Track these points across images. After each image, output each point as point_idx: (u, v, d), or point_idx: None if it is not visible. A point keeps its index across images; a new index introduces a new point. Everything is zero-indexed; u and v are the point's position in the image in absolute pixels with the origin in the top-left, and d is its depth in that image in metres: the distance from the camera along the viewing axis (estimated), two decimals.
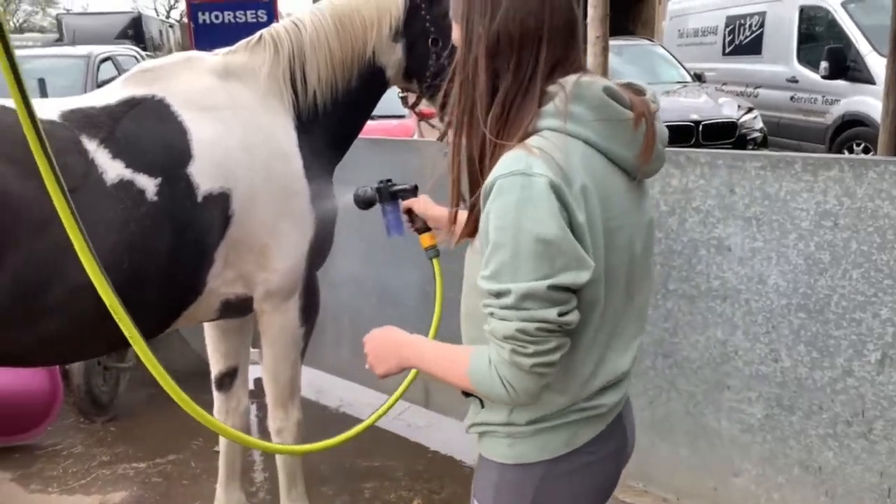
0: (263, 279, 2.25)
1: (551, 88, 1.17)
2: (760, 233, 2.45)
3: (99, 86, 7.88)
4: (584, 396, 1.25)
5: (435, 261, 2.10)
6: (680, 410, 2.73)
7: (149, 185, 1.96)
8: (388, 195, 2.12)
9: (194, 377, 4.00)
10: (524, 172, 1.10)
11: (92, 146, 1.91)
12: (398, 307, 3.63)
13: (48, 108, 1.98)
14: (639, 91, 1.26)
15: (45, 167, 1.19)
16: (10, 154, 1.74)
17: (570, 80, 1.17)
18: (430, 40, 2.41)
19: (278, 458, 2.57)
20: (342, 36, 2.30)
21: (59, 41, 19.31)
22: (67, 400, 3.50)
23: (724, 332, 2.58)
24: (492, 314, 1.13)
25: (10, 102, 1.94)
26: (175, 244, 2.01)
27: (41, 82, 6.08)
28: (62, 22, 21.71)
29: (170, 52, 22.06)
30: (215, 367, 2.67)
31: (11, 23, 43.17)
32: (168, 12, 41.48)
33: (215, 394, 2.67)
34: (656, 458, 2.81)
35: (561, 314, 1.11)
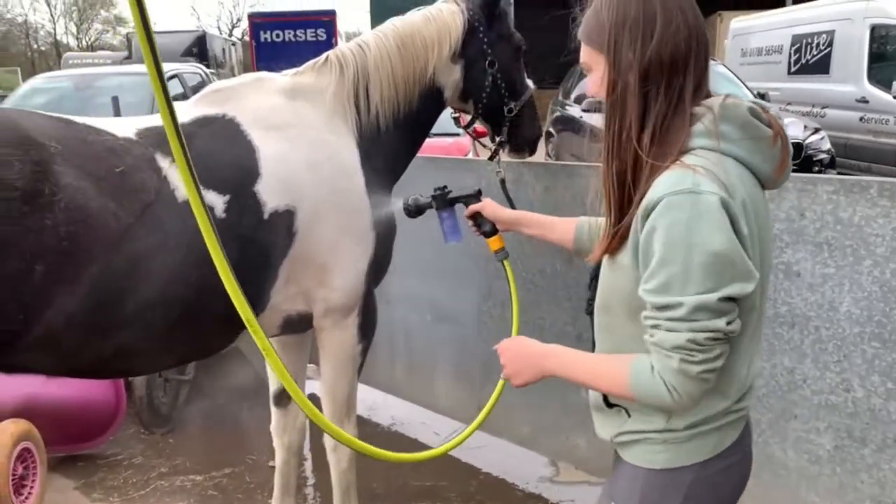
0: (324, 296, 2.26)
1: (698, 110, 1.26)
2: (832, 258, 2.35)
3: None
4: (737, 398, 1.33)
5: (506, 262, 2.17)
6: None
7: (218, 202, 1.99)
8: (445, 202, 2.17)
9: (251, 393, 4.09)
10: (692, 191, 1.18)
11: (165, 164, 1.96)
12: (453, 325, 3.62)
13: (126, 126, 2.05)
14: (765, 109, 1.34)
15: (186, 176, 1.28)
16: (90, 170, 1.80)
17: (716, 101, 1.27)
18: (486, 62, 2.44)
19: (333, 475, 2.57)
20: (404, 56, 2.35)
21: (129, 59, 20.16)
22: (129, 411, 3.58)
23: (792, 360, 2.48)
24: (657, 326, 1.21)
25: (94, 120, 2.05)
26: (240, 260, 2.02)
27: (115, 100, 6.31)
28: (132, 40, 22.66)
29: (232, 69, 22.76)
30: (273, 384, 2.69)
31: (84, 40, 45.25)
32: (231, 31, 42.85)
33: (273, 410, 2.68)
34: None
35: (728, 323, 1.19)
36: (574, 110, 8.86)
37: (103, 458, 3.49)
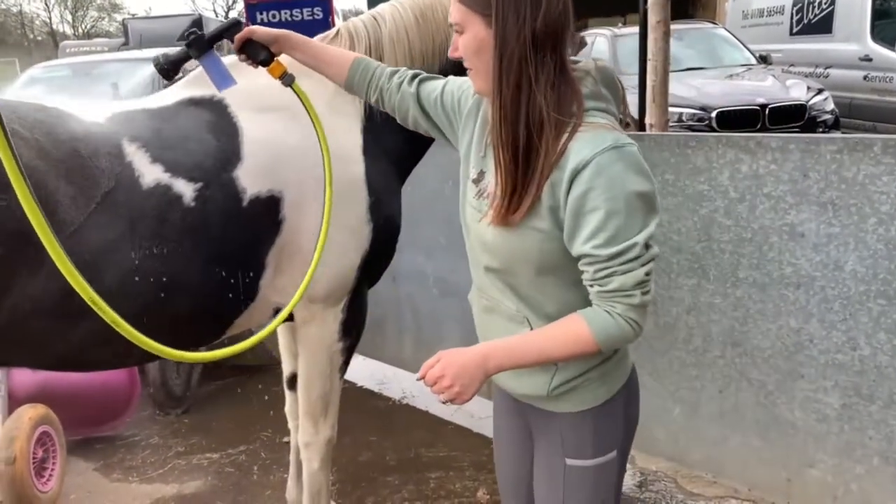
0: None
1: (576, 74, 1.35)
2: (837, 218, 2.35)
3: (165, 87, 8.15)
4: None
5: (295, 85, 1.88)
6: (751, 400, 2.66)
7: (187, 189, 1.89)
8: (203, 45, 1.83)
9: (265, 372, 4.14)
10: (615, 146, 1.27)
11: (131, 149, 1.86)
12: (459, 299, 3.63)
13: (99, 111, 1.96)
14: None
15: (12, 168, 1.09)
16: (49, 152, 1.69)
17: (589, 65, 1.38)
18: None
19: (304, 475, 2.45)
20: (422, 29, 2.20)
21: (125, 45, 20.01)
22: (144, 393, 3.63)
23: (798, 321, 2.50)
24: (611, 274, 1.27)
25: None
26: (224, 249, 1.94)
27: (114, 86, 6.30)
28: (128, 26, 22.49)
29: (229, 51, 22.63)
30: (287, 368, 2.66)
31: (80, 28, 44.96)
32: (227, 13, 42.49)
33: (287, 392, 2.68)
34: (726, 449, 2.75)
35: (657, 247, 1.32)
36: None
37: (121, 440, 3.55)
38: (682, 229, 2.73)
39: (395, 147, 2.26)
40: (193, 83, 2.14)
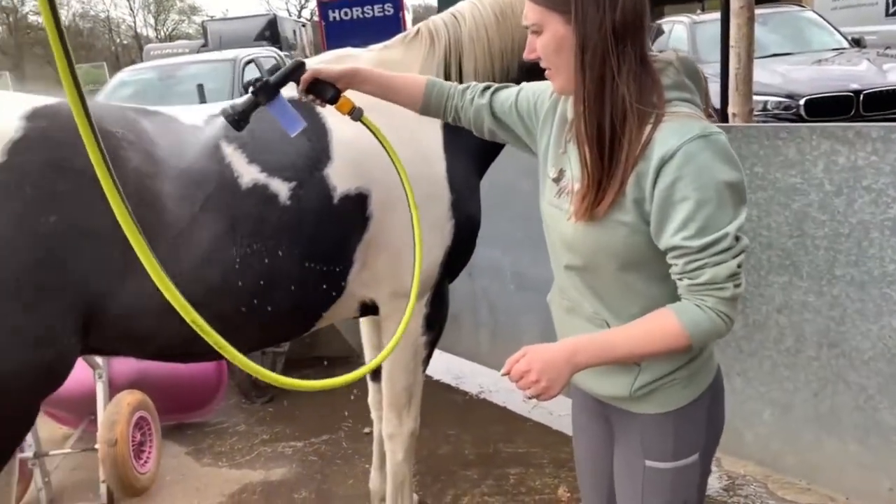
0: (392, 281, 2.20)
1: (657, 65, 1.34)
2: None
3: (244, 86, 8.41)
4: None
5: (364, 118, 1.89)
6: (849, 404, 2.54)
7: (283, 188, 1.96)
8: (270, 90, 1.79)
9: (345, 364, 4.23)
10: (702, 135, 1.25)
11: (229, 150, 1.93)
12: (537, 294, 3.61)
13: (197, 114, 2.06)
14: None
15: (101, 170, 1.11)
16: (156, 155, 1.79)
17: (671, 56, 1.36)
18: None
19: (388, 465, 2.50)
20: (502, 27, 2.21)
21: (205, 46, 20.75)
22: (231, 382, 3.77)
23: None
24: (702, 266, 1.25)
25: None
26: (316, 245, 2.00)
27: (200, 87, 6.52)
28: (207, 28, 23.30)
29: (303, 50, 23.10)
30: (369, 358, 2.73)
31: (162, 31, 46.86)
32: (299, 12, 43.41)
33: (370, 384, 2.73)
34: (821, 455, 2.63)
35: (746, 238, 1.28)
36: None
37: (210, 427, 3.70)
38: (772, 224, 2.63)
39: (474, 144, 2.27)
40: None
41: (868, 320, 2.44)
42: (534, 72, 2.28)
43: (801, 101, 6.88)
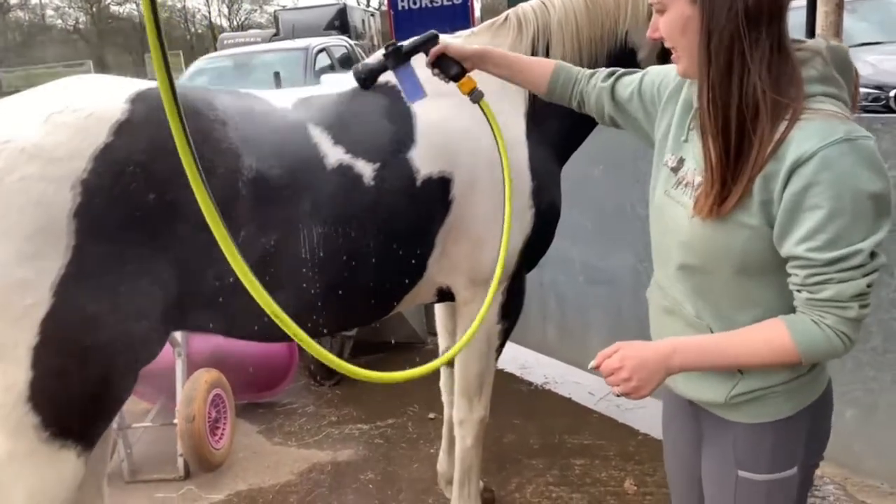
0: (471, 268, 2.21)
1: (801, 54, 1.23)
2: None
3: (316, 74, 8.57)
4: None
5: (483, 102, 1.92)
6: None
7: (367, 169, 1.99)
8: (400, 57, 1.90)
9: (412, 349, 4.28)
10: (847, 138, 1.14)
11: (316, 132, 1.97)
12: (607, 287, 3.57)
13: (286, 97, 2.11)
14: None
15: (182, 146, 1.16)
16: (247, 134, 1.82)
17: (819, 44, 1.24)
18: None
19: (457, 450, 2.52)
20: (592, 13, 2.19)
21: (276, 35, 21.18)
22: (300, 364, 3.86)
23: None
24: (827, 281, 1.16)
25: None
26: (396, 227, 2.03)
27: (276, 75, 6.68)
28: (278, 17, 23.76)
29: (371, 39, 23.32)
30: (442, 343, 2.75)
31: (235, 21, 48.07)
32: (368, 1, 43.79)
33: (442, 368, 2.75)
34: None
35: (884, 256, 1.19)
36: None
37: (280, 407, 3.80)
38: None
39: (556, 133, 2.28)
40: None
41: None
42: (623, 60, 2.27)
43: (892, 93, 6.58)
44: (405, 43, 1.91)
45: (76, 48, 39.98)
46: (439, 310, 2.72)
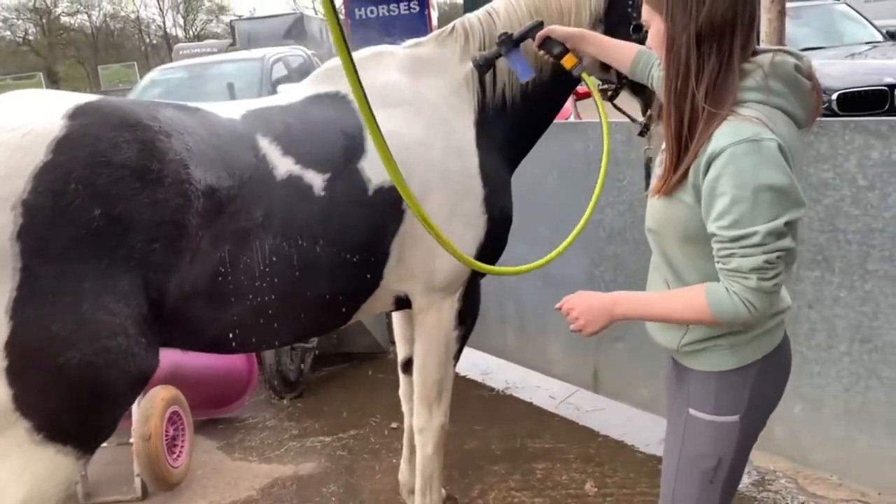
0: (426, 275, 2.23)
1: (747, 66, 1.43)
2: None
3: (272, 84, 8.51)
4: (786, 302, 1.58)
5: (584, 74, 2.21)
6: (881, 399, 2.51)
7: (317, 180, 1.98)
8: (511, 44, 2.16)
9: (373, 359, 4.27)
10: (753, 139, 1.35)
11: (265, 143, 1.96)
12: (564, 291, 3.59)
13: (234, 109, 2.09)
14: (806, 64, 1.50)
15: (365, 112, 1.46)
16: (192, 146, 1.79)
17: (766, 59, 1.43)
18: (631, 27, 2.28)
19: (417, 459, 2.54)
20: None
21: (233, 45, 20.98)
22: (260, 377, 3.82)
23: None
24: (731, 255, 1.38)
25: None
26: (349, 238, 2.03)
27: (230, 86, 6.59)
28: (235, 27, 23.55)
29: (330, 48, 23.27)
30: (401, 352, 2.75)
31: (191, 31, 47.48)
32: None
33: (401, 376, 2.75)
34: (853, 450, 2.60)
35: (790, 241, 1.38)
36: None
37: (240, 422, 3.76)
38: (804, 220, 2.58)
39: (505, 140, 2.32)
40: (319, 79, 2.26)
41: None
42: (565, 75, 2.32)
43: (834, 96, 6.77)
44: (514, 33, 2.17)
45: (26, 60, 39.04)
46: (397, 318, 2.72)
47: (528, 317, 3.88)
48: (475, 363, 4.12)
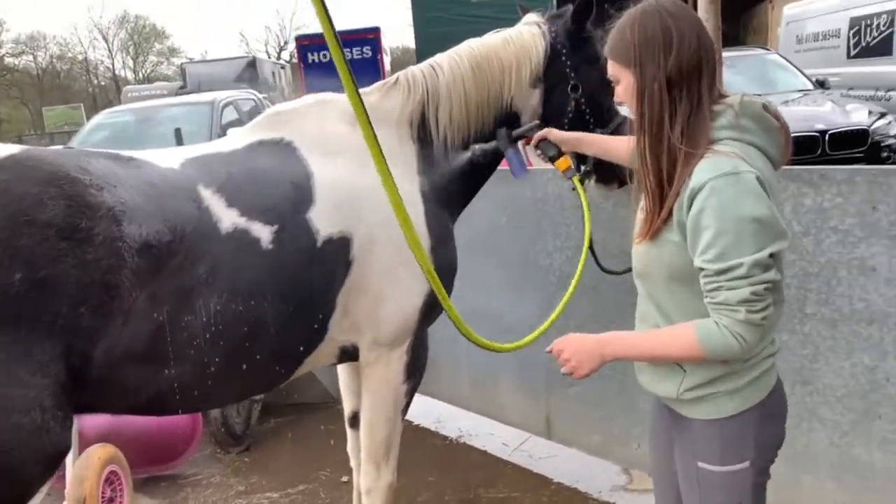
0: (373, 327, 2.17)
1: (718, 108, 1.50)
2: None
3: (222, 128, 8.45)
4: (771, 341, 1.59)
5: (575, 178, 2.29)
6: (823, 441, 2.55)
7: (264, 232, 1.92)
8: (510, 140, 2.27)
9: (322, 410, 4.17)
10: (732, 172, 1.41)
11: (207, 193, 1.89)
12: (515, 336, 3.60)
13: (173, 157, 2.01)
14: (770, 105, 1.57)
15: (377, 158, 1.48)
16: (127, 199, 1.71)
17: (735, 99, 1.51)
18: (569, 86, 2.34)
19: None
20: (478, 79, 2.27)
21: (183, 88, 20.83)
22: (205, 431, 3.69)
23: (873, 358, 2.39)
24: (718, 288, 1.41)
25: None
26: (297, 290, 1.97)
27: (177, 131, 6.51)
28: (186, 70, 23.44)
29: (282, 91, 23.30)
30: (347, 406, 2.68)
31: (140, 73, 47.02)
32: (279, 54, 43.81)
33: (348, 431, 2.69)
34: (798, 492, 2.63)
35: (776, 273, 1.42)
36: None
37: (184, 479, 3.61)
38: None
39: (447, 190, 2.32)
40: (263, 125, 2.21)
41: (840, 357, 2.47)
42: (509, 123, 2.41)
43: None
44: (514, 131, 2.29)
45: None
46: (342, 370, 2.67)
47: (481, 363, 3.86)
48: (428, 411, 4.07)
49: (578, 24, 2.36)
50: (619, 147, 2.13)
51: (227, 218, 1.88)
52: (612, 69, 1.59)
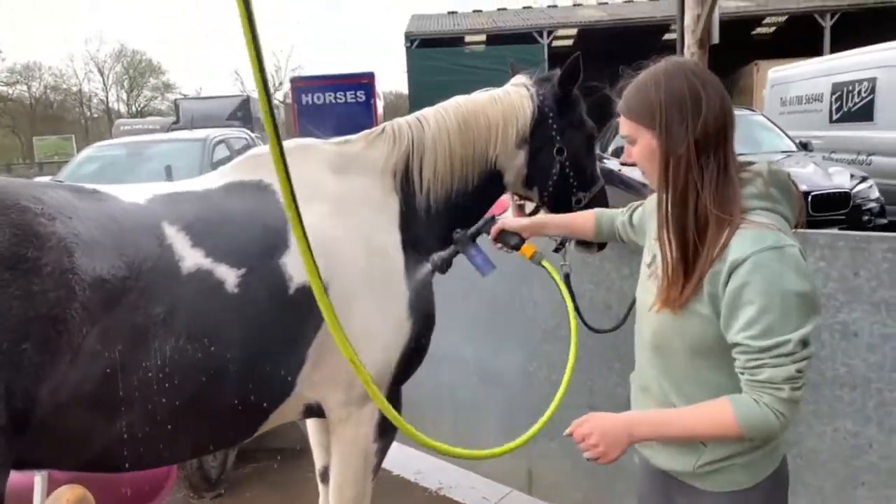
0: (345, 383, 2.06)
1: (744, 175, 1.47)
2: (891, 318, 2.29)
3: (213, 166, 8.47)
4: None
5: (544, 262, 2.24)
6: None
7: (230, 276, 1.83)
8: (468, 240, 2.19)
9: (299, 455, 4.09)
10: (775, 246, 1.37)
11: (171, 231, 1.82)
12: (500, 387, 3.58)
13: (140, 192, 1.95)
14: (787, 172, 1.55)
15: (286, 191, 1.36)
16: (81, 232, 1.66)
17: (762, 167, 1.49)
18: (555, 149, 2.35)
19: None
20: (464, 134, 2.26)
21: (176, 123, 20.92)
22: (179, 475, 3.60)
23: (856, 424, 2.40)
24: (762, 365, 1.36)
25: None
26: (263, 338, 1.88)
27: (168, 169, 6.51)
28: (179, 106, 23.56)
29: None
30: (318, 461, 2.58)
31: (134, 107, 47.23)
32: (273, 94, 44.08)
33: (320, 486, 2.60)
34: None
35: (813, 349, 1.39)
36: (612, 164, 8.89)
37: None
38: None
39: (429, 241, 2.28)
40: (242, 166, 2.16)
41: (822, 422, 2.47)
42: (491, 181, 2.39)
43: None
44: (468, 231, 2.19)
45: None
46: (312, 424, 2.56)
47: (463, 413, 3.82)
48: (408, 461, 3.99)
49: (565, 88, 2.38)
50: (584, 225, 2.10)
51: (191, 257, 1.81)
52: (629, 129, 1.52)
